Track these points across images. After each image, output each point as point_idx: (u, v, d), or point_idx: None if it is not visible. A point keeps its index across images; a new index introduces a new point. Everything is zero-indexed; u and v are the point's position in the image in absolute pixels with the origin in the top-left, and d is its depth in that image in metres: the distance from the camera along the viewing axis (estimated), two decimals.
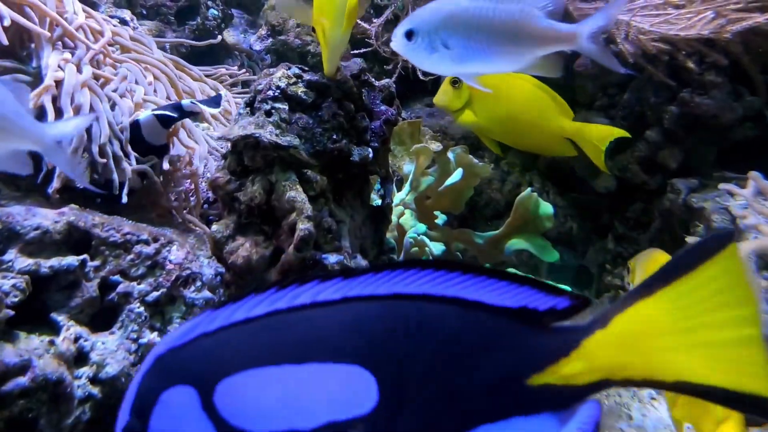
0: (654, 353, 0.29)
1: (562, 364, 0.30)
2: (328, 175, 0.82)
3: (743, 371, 0.27)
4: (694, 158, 1.29)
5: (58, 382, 0.65)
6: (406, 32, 0.55)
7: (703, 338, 0.28)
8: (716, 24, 1.17)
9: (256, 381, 0.32)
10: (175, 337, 0.35)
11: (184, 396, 0.33)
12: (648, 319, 0.29)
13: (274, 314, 0.33)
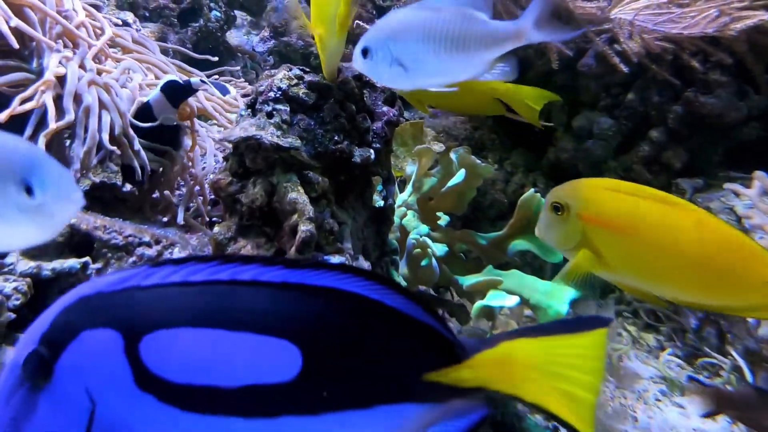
0: (521, 378, 0.38)
1: (453, 370, 0.37)
2: (329, 176, 0.82)
3: (574, 414, 0.37)
4: (698, 158, 1.28)
5: None
6: (362, 50, 0.55)
7: (557, 383, 0.38)
8: (720, 22, 1.16)
9: (185, 339, 0.35)
10: (106, 283, 0.36)
11: (106, 339, 0.35)
12: (525, 354, 0.38)
13: (213, 283, 0.36)
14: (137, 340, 0.35)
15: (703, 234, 0.58)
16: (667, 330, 1.13)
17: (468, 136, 1.61)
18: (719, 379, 0.98)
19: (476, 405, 0.38)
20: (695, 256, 0.58)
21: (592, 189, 0.63)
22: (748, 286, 0.57)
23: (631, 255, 0.60)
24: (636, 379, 0.99)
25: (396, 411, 0.36)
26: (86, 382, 0.35)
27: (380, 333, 0.37)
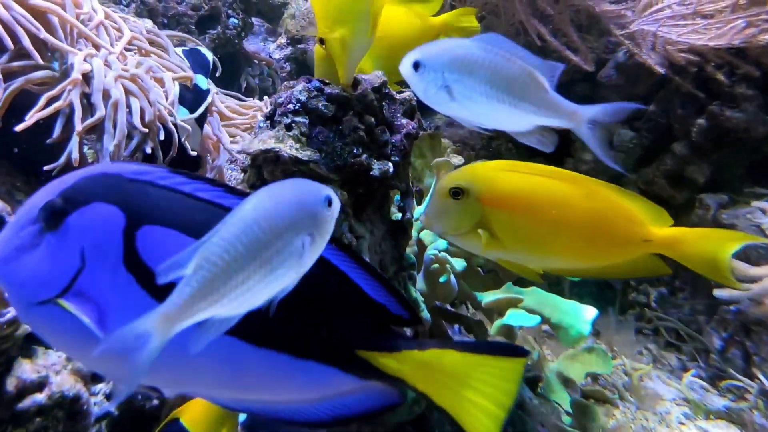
0: (440, 384, 0.42)
1: (383, 355, 0.42)
2: (348, 189, 0.81)
3: (481, 426, 0.42)
4: (723, 173, 1.25)
5: (75, 399, 0.64)
6: (413, 62, 0.54)
7: (472, 395, 0.42)
8: (748, 33, 1.13)
9: (176, 241, 0.40)
10: (128, 170, 0.41)
11: (113, 215, 0.40)
12: (450, 363, 0.42)
13: (214, 204, 0.41)
14: (137, 226, 0.40)
15: (593, 204, 0.63)
16: (690, 349, 1.10)
17: (485, 146, 1.59)
18: (745, 403, 0.95)
19: (390, 392, 0.43)
20: (586, 226, 0.63)
21: (491, 171, 0.65)
22: (630, 246, 0.64)
23: (528, 232, 0.64)
24: (658, 400, 0.97)
25: (323, 371, 0.41)
26: (83, 244, 0.39)
27: (337, 302, 0.42)
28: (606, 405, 0.97)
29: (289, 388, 0.41)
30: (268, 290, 0.38)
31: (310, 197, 0.40)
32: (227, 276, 0.35)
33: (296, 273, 0.39)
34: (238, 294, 0.36)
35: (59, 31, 0.91)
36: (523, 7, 1.25)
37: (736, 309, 1.01)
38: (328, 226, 0.40)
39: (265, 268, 0.37)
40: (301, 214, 0.39)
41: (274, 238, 0.37)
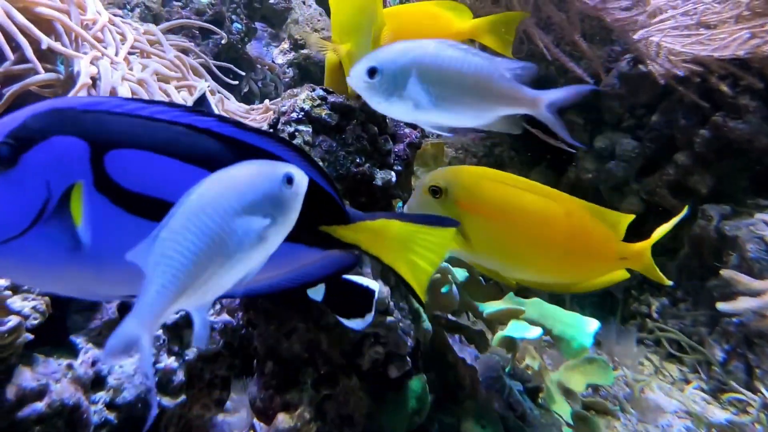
0: (386, 246, 0.50)
1: (340, 228, 0.49)
2: (350, 198, 0.81)
3: (415, 278, 0.51)
4: (725, 184, 1.25)
5: (74, 407, 0.64)
6: (369, 69, 0.50)
7: (410, 255, 0.51)
8: (752, 45, 1.13)
9: (144, 159, 0.42)
10: (78, 102, 0.42)
11: (75, 145, 0.41)
12: (394, 230, 0.50)
13: (174, 123, 0.43)
14: (103, 152, 0.41)
15: (572, 222, 0.65)
16: (691, 361, 1.10)
17: (487, 153, 1.59)
18: (748, 417, 0.95)
19: (348, 257, 0.50)
20: (565, 243, 0.65)
21: (471, 177, 0.65)
22: (607, 263, 0.68)
23: (501, 241, 0.65)
24: (659, 412, 0.96)
25: (292, 248, 0.46)
26: (48, 176, 0.40)
27: None
28: (607, 417, 0.97)
29: (265, 269, 0.45)
30: (231, 275, 0.38)
31: (262, 178, 0.39)
32: (185, 268, 0.35)
33: (259, 256, 0.39)
34: (202, 282, 0.36)
35: (64, 37, 0.91)
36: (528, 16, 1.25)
37: (738, 321, 1.01)
38: (289, 206, 0.40)
39: (223, 254, 0.37)
40: (252, 196, 0.39)
41: (224, 223, 0.37)
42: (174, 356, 0.75)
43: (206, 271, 0.36)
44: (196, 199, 0.37)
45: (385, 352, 0.78)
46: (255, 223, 0.38)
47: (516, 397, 0.95)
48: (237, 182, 0.39)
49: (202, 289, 0.36)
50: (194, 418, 0.80)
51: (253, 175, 0.39)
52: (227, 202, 0.38)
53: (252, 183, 0.39)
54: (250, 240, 0.38)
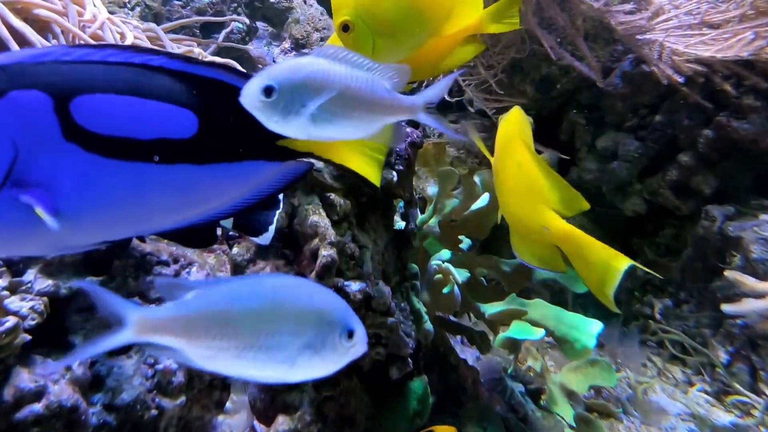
0: (334, 147, 0.53)
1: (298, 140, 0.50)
2: (351, 198, 0.80)
3: (368, 169, 0.54)
4: (729, 184, 1.24)
5: (72, 409, 0.63)
6: (264, 88, 0.50)
7: (358, 148, 0.54)
8: (756, 45, 1.13)
9: (109, 102, 0.42)
10: (23, 56, 0.41)
11: (36, 98, 0.40)
12: None
13: (129, 64, 0.44)
14: (67, 101, 0.41)
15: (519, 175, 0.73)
16: (695, 363, 1.09)
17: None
18: (752, 419, 0.94)
19: (303, 164, 0.52)
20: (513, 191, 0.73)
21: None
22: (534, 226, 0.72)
23: None
24: (663, 415, 0.95)
25: (255, 165, 0.49)
26: (12, 134, 0.39)
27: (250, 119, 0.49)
28: (610, 419, 0.96)
29: (230, 189, 0.48)
30: (239, 368, 0.38)
31: (329, 316, 0.39)
32: (209, 322, 0.36)
33: (279, 376, 0.39)
34: (213, 346, 0.36)
35: (61, 38, 0.91)
36: (532, 17, 1.24)
37: (742, 323, 1.00)
38: (335, 355, 0.40)
39: (247, 341, 0.37)
40: (309, 321, 0.39)
41: (270, 321, 0.37)
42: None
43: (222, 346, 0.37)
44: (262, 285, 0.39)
45: (387, 353, 0.78)
46: (294, 343, 0.38)
47: (518, 399, 0.94)
48: (307, 301, 0.39)
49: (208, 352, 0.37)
50: (194, 419, 0.79)
51: (326, 308, 0.39)
52: (286, 311, 0.38)
53: (318, 312, 0.39)
54: (281, 353, 0.38)
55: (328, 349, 0.39)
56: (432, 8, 0.69)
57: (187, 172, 0.46)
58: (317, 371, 0.40)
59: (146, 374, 0.72)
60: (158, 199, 0.46)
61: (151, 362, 0.73)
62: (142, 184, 0.44)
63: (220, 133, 0.48)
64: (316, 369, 0.40)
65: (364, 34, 0.64)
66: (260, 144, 0.49)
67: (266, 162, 0.51)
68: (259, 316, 0.37)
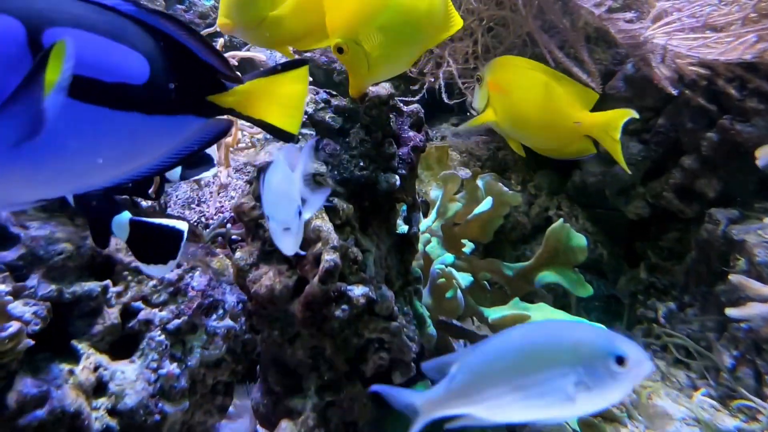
0: (254, 103, 0.55)
1: (222, 95, 0.53)
2: (354, 202, 0.80)
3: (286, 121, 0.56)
4: (733, 187, 1.23)
5: (76, 414, 0.63)
6: None
7: (277, 102, 0.56)
8: (759, 48, 1.12)
9: (78, 38, 0.42)
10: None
11: (9, 25, 0.39)
12: (260, 86, 0.55)
13: (99, 5, 0.45)
14: (39, 32, 0.39)
15: (548, 92, 0.86)
16: (699, 367, 1.08)
17: (491, 157, 1.58)
18: (757, 424, 0.93)
19: (226, 120, 0.54)
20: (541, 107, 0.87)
21: (498, 65, 0.90)
22: (566, 128, 0.87)
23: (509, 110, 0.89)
24: (667, 419, 0.95)
25: (189, 120, 0.51)
26: None
27: (193, 67, 0.51)
28: (614, 423, 0.95)
29: (167, 143, 0.49)
30: (526, 413, 0.41)
31: (589, 347, 0.40)
32: (479, 385, 0.40)
33: (561, 413, 0.41)
34: (492, 404, 0.40)
35: None
36: (533, 20, 1.24)
37: (747, 327, 0.99)
38: (609, 384, 0.40)
39: (521, 392, 0.40)
40: (572, 359, 0.40)
41: (534, 369, 0.40)
42: (176, 362, 0.74)
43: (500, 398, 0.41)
44: (519, 336, 0.41)
45: (390, 358, 0.77)
46: (563, 381, 0.40)
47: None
48: (566, 339, 0.41)
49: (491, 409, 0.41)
50: (197, 424, 0.79)
51: (583, 340, 0.40)
52: (547, 351, 0.40)
53: (577, 345, 0.40)
54: (556, 394, 0.40)
55: (602, 380, 0.40)
56: (421, 23, 0.70)
57: (137, 121, 0.46)
58: (598, 403, 0.41)
59: (149, 379, 0.72)
60: (110, 149, 0.45)
61: (154, 367, 0.73)
62: (100, 131, 0.43)
63: (165, 83, 0.48)
64: (596, 401, 0.41)
65: (357, 54, 0.66)
66: (193, 99, 0.50)
67: (197, 117, 0.51)
68: (520, 369, 0.40)
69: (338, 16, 0.67)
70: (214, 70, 0.52)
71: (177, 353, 0.75)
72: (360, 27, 0.66)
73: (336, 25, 0.66)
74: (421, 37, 0.72)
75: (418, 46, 0.73)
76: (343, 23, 0.67)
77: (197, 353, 0.76)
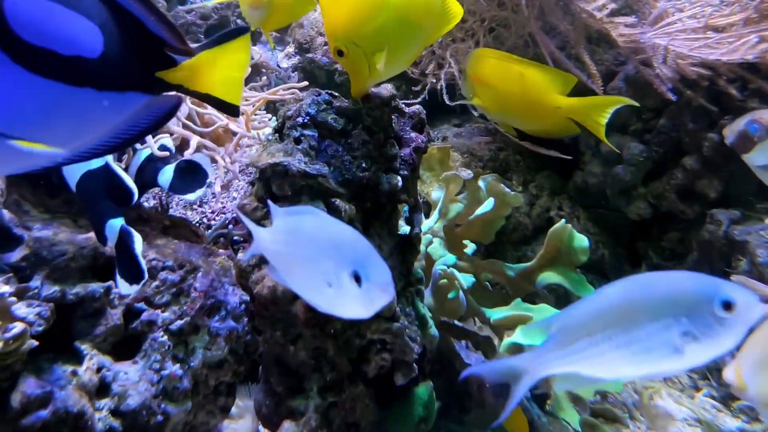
0: (200, 77, 0.53)
1: (170, 71, 0.51)
2: (356, 203, 0.80)
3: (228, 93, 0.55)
4: (734, 188, 1.23)
5: (79, 415, 0.63)
6: None
7: (221, 73, 0.55)
8: (760, 49, 1.12)
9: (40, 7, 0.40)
10: None
11: None
12: (204, 59, 0.54)
13: None
14: None
15: (524, 80, 0.96)
16: (701, 368, 1.08)
17: (493, 157, 1.58)
18: (759, 425, 0.93)
19: (175, 97, 0.53)
20: (520, 95, 0.96)
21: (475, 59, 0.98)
22: (547, 111, 0.97)
23: (492, 99, 0.99)
24: (669, 420, 0.95)
25: (137, 96, 0.50)
26: None
27: (143, 39, 0.49)
28: (615, 424, 0.95)
29: (115, 120, 0.48)
30: (634, 369, 0.40)
31: (692, 294, 0.39)
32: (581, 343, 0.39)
33: (671, 366, 0.40)
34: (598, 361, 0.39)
35: None
36: (534, 21, 1.24)
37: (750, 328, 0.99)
38: (718, 332, 0.39)
39: (625, 349, 0.39)
40: (674, 309, 0.39)
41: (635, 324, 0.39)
42: (179, 363, 0.75)
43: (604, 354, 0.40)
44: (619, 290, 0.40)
45: (392, 358, 0.77)
46: (670, 333, 0.39)
47: (524, 404, 0.94)
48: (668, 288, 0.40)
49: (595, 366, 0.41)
50: (199, 424, 0.80)
51: (686, 287, 0.40)
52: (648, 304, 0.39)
53: (680, 293, 0.39)
54: (663, 347, 0.39)
55: (710, 328, 0.39)
56: (420, 20, 0.71)
57: (88, 97, 0.44)
58: (708, 353, 0.40)
59: (152, 380, 0.72)
60: (59, 127, 0.44)
61: (157, 368, 0.73)
62: (52, 107, 0.42)
63: (117, 57, 0.46)
64: (706, 351, 0.40)
65: (357, 56, 0.66)
66: (143, 75, 0.49)
67: (145, 94, 0.50)
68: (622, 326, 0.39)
69: (336, 19, 0.67)
70: (164, 43, 0.50)
71: (179, 354, 0.75)
72: (358, 29, 0.66)
73: (334, 29, 0.66)
74: (421, 34, 0.72)
75: (418, 43, 0.73)
76: (341, 26, 0.67)
77: (200, 354, 0.76)
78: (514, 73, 0.96)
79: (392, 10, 0.66)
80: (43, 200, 0.86)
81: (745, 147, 0.95)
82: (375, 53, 0.65)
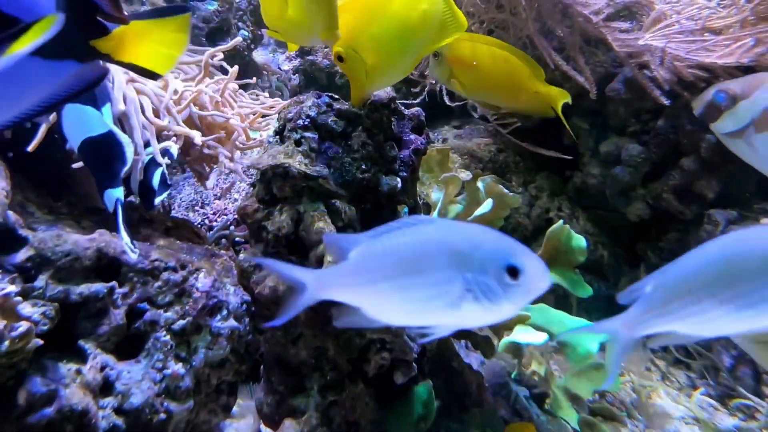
0: (132, 49, 0.52)
1: (106, 40, 0.50)
2: (356, 205, 0.81)
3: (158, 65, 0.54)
4: (732, 188, 1.24)
5: (83, 413, 0.64)
6: None
7: (152, 47, 0.53)
8: (756, 52, 1.13)
9: None
10: None
11: None
12: (138, 29, 0.52)
13: None
14: None
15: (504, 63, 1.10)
16: (699, 367, 1.09)
17: (492, 159, 1.59)
18: (755, 423, 0.94)
19: (100, 68, 0.52)
20: (498, 76, 1.11)
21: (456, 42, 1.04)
22: (525, 94, 1.15)
23: (474, 81, 1.11)
24: (666, 418, 0.96)
25: (71, 64, 0.49)
26: None
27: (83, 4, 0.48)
28: (614, 423, 0.96)
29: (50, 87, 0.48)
30: (737, 325, 0.40)
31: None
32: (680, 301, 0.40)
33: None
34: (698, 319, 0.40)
35: None
36: (532, 23, 1.25)
37: None
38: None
39: (729, 305, 0.39)
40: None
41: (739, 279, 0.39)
42: (181, 362, 0.75)
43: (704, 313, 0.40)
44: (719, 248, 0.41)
45: (391, 357, 0.78)
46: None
47: (522, 404, 0.94)
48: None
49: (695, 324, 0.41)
50: (201, 423, 0.81)
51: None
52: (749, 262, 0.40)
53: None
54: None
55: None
56: (418, 28, 0.72)
57: (34, 66, 0.44)
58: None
59: (155, 379, 0.73)
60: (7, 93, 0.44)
61: (160, 366, 0.74)
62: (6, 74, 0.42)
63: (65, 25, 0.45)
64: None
65: (356, 62, 0.67)
66: (80, 42, 0.49)
67: (77, 62, 0.49)
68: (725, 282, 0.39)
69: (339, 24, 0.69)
70: (98, 9, 0.50)
71: (182, 353, 0.76)
72: (357, 36, 0.67)
73: None
74: (417, 44, 0.73)
75: (414, 52, 0.74)
76: (342, 31, 0.68)
77: (202, 353, 0.77)
78: (499, 57, 1.09)
79: (387, 20, 0.68)
80: (47, 202, 0.88)
81: (713, 116, 0.96)
82: (371, 61, 0.66)
